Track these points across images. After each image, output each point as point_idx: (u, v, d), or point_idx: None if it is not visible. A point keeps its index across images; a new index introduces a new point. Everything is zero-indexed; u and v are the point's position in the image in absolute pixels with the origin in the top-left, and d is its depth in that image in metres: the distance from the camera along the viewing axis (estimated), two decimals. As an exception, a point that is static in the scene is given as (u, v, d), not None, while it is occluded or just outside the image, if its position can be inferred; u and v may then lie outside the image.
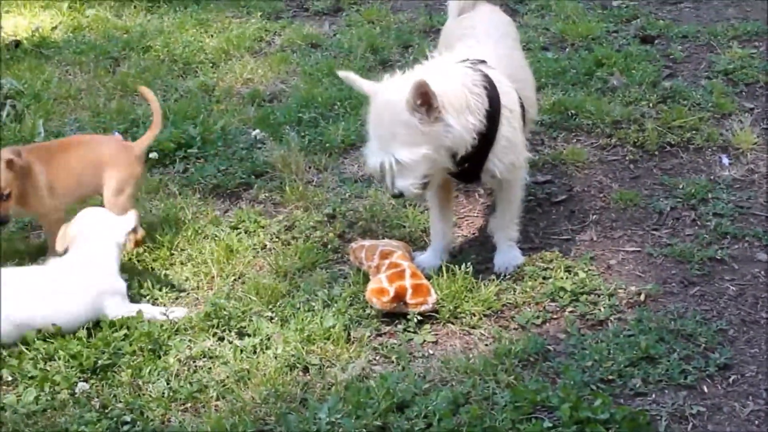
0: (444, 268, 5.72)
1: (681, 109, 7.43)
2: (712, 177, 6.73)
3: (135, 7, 9.88)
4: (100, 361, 5.13)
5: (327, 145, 7.16)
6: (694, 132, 7.19)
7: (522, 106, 5.80)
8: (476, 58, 5.71)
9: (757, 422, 4.78)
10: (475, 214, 6.47)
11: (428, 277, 5.66)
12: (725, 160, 6.91)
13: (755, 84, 7.92)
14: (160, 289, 5.73)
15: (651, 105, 7.58)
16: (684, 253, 5.94)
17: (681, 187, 6.58)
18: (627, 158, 7.00)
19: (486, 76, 5.55)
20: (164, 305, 5.62)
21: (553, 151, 7.06)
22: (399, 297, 5.40)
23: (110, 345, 5.23)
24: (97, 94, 8.05)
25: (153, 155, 6.99)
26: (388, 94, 5.45)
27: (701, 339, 5.24)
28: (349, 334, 5.35)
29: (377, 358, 5.23)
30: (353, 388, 4.91)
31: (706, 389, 4.98)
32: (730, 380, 5.03)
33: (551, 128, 7.36)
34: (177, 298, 5.71)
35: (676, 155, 7.01)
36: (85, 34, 9.33)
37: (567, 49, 8.66)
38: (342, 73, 5.77)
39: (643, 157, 7.00)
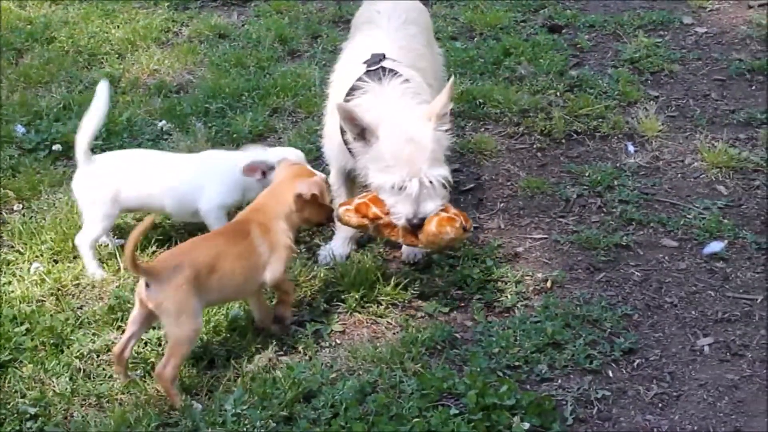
0: (352, 257, 5.71)
1: (587, 98, 7.50)
2: (617, 164, 6.80)
3: (39, -3, 9.70)
4: (1, 357, 5.04)
5: (234, 135, 7.09)
6: (600, 120, 7.26)
7: None
8: (378, 53, 5.72)
9: (660, 405, 4.85)
10: (383, 204, 6.44)
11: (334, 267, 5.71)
12: (631, 148, 6.98)
13: (660, 72, 8.01)
14: (61, 282, 5.66)
15: (558, 94, 7.63)
16: (590, 239, 5.99)
17: (587, 174, 6.64)
18: (534, 146, 7.04)
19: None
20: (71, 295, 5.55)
21: (461, 140, 7.07)
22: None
23: (11, 340, 5.14)
24: (0, 86, 7.89)
25: (57, 147, 6.89)
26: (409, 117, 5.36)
27: (606, 324, 5.30)
28: (254, 326, 5.30)
29: (284, 348, 5.20)
30: (259, 379, 4.88)
31: (611, 374, 5.04)
32: (635, 364, 5.10)
33: (459, 117, 7.37)
34: (81, 292, 5.62)
35: (582, 143, 7.07)
36: (-13, 25, 9.14)
37: (475, 39, 8.67)
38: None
39: (551, 146, 7.05)
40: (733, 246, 5.95)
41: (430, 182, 5.17)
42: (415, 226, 5.20)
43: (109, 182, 5.75)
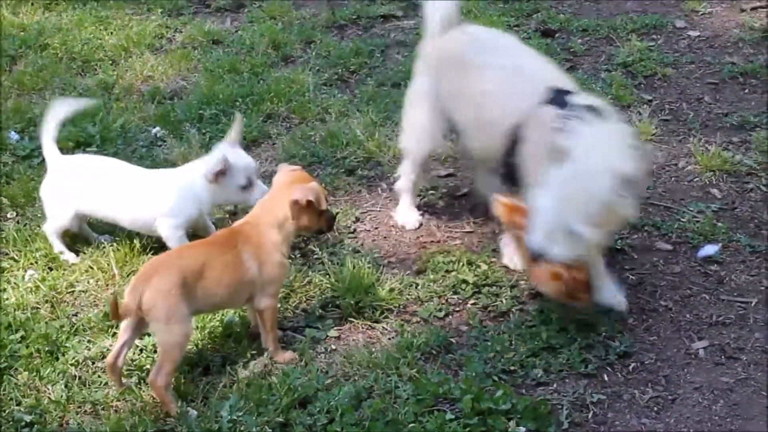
0: (347, 263, 5.71)
1: (581, 102, 7.49)
2: (611, 168, 6.78)
3: (32, 4, 9.68)
4: (-4, 364, 5.05)
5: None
6: (594, 124, 7.24)
7: None
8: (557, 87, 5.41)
9: (656, 409, 4.85)
10: (378, 209, 6.46)
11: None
12: (624, 152, 6.97)
13: (653, 76, 8.02)
14: (56, 289, 5.66)
15: (552, 98, 7.62)
16: (585, 244, 5.98)
17: (582, 178, 6.62)
18: (528, 151, 7.03)
19: None
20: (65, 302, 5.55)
21: (455, 145, 7.06)
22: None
23: (6, 348, 5.15)
24: (-7, 93, 7.90)
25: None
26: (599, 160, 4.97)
27: (602, 328, 5.30)
28: (250, 331, 5.31)
29: (279, 354, 5.20)
30: (255, 385, 4.88)
31: (606, 377, 5.04)
32: (630, 368, 5.10)
33: (453, 122, 7.37)
34: (75, 299, 5.62)
35: (576, 147, 7.06)
36: (-20, 32, 9.13)
37: (469, 44, 8.66)
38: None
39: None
40: (727, 249, 5.95)
41: (576, 237, 4.94)
42: (533, 255, 5.11)
43: (66, 185, 5.90)
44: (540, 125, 5.22)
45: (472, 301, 5.57)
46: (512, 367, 5.05)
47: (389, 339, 5.31)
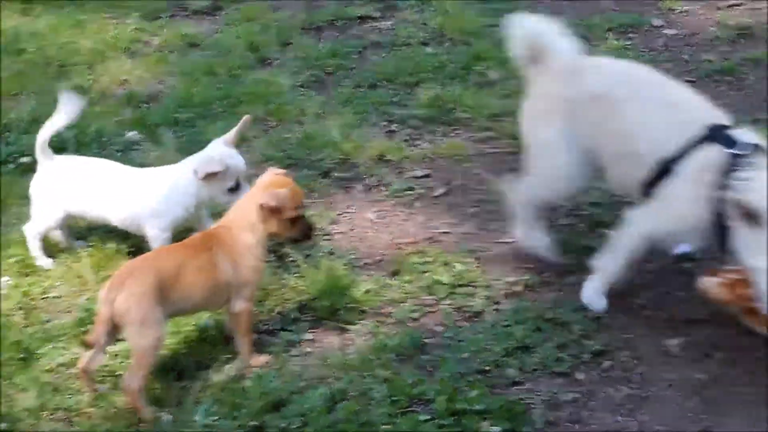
0: (321, 265, 5.70)
1: (558, 101, 7.48)
2: (588, 167, 6.78)
3: (8, 9, 9.66)
4: (-33, 372, 5.03)
5: (204, 144, 7.06)
6: (570, 123, 7.24)
7: None
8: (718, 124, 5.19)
9: (630, 406, 4.84)
10: (354, 211, 6.45)
11: None
12: (600, 150, 6.96)
13: (630, 74, 8.01)
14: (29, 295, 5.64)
15: (528, 98, 7.62)
16: (560, 242, 5.98)
17: (557, 177, 6.62)
18: (505, 151, 7.03)
19: None
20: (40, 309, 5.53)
21: (431, 145, 7.09)
22: None
23: (-23, 355, 5.13)
24: (-32, 98, 7.88)
25: (25, 160, 6.86)
26: None
27: (576, 327, 5.28)
28: (224, 335, 5.30)
29: (253, 357, 5.19)
30: (229, 389, 4.86)
31: (580, 376, 5.03)
32: (604, 366, 5.09)
33: (430, 123, 7.37)
34: (49, 305, 5.61)
35: (552, 146, 7.05)
36: (-45, 37, 9.11)
37: (446, 44, 8.68)
38: None
39: (521, 150, 7.01)
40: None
41: None
42: None
43: (56, 185, 5.88)
44: (698, 165, 5.05)
45: (446, 302, 5.56)
46: (487, 367, 5.04)
47: (364, 341, 5.30)
